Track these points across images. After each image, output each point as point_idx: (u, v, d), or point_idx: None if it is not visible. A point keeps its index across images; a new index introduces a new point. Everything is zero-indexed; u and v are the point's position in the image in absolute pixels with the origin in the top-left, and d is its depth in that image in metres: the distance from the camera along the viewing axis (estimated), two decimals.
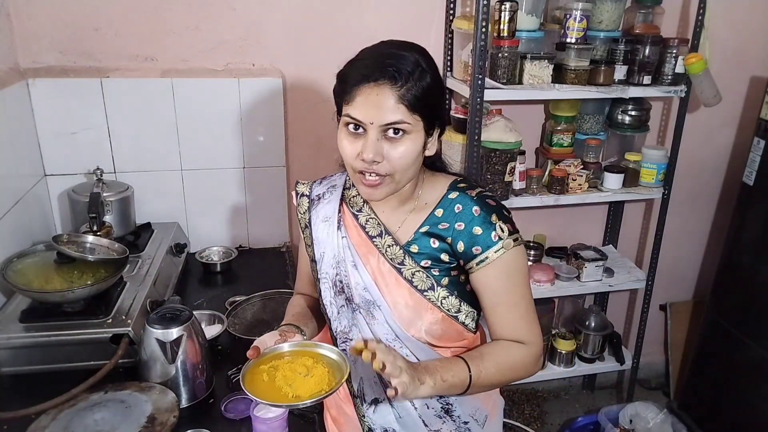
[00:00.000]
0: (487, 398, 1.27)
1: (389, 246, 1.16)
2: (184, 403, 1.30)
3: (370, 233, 1.18)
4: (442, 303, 1.13)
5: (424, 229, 1.15)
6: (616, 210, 2.60)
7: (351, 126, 1.04)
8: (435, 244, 1.14)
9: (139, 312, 1.46)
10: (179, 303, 1.40)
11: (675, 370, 2.87)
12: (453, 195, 1.15)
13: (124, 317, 1.43)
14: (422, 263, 1.14)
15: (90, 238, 1.62)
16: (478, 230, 1.10)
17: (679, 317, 2.88)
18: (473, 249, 1.10)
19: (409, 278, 1.14)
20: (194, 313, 1.35)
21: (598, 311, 2.54)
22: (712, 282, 2.49)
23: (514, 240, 1.10)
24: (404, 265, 1.14)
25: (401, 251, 1.14)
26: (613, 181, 2.25)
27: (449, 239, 1.12)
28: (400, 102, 1.01)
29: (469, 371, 1.06)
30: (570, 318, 2.65)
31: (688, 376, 2.67)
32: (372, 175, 1.05)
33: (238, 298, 1.73)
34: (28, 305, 1.46)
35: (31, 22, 1.82)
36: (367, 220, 1.19)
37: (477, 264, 1.10)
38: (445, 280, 1.14)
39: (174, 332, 1.28)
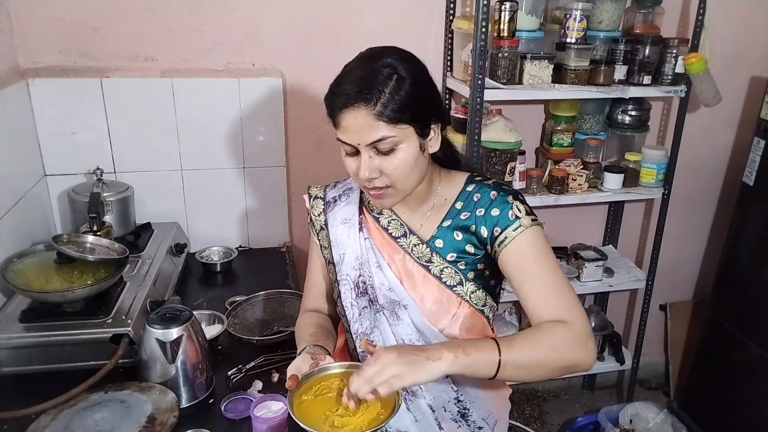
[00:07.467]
0: (500, 403, 1.27)
1: (415, 245, 1.17)
2: (184, 403, 1.30)
3: (393, 234, 1.19)
4: (470, 297, 1.15)
5: (446, 224, 1.16)
6: (616, 210, 2.60)
7: (346, 147, 1.07)
8: (459, 236, 1.15)
9: (139, 312, 1.45)
10: (179, 303, 1.40)
11: (675, 370, 2.87)
12: (470, 187, 1.17)
13: (124, 317, 1.43)
14: (448, 257, 1.15)
15: (90, 238, 1.62)
16: (496, 212, 1.12)
17: (679, 317, 2.88)
18: (494, 230, 1.11)
19: (438, 275, 1.15)
20: (194, 313, 1.35)
21: (598, 311, 2.54)
22: (712, 282, 2.49)
23: (532, 220, 1.10)
24: (432, 262, 1.15)
25: (427, 249, 1.16)
26: (613, 181, 2.25)
27: (473, 227, 1.14)
28: (378, 120, 1.01)
29: (498, 346, 0.99)
30: None
31: (688, 376, 2.67)
32: (374, 189, 1.08)
33: (238, 298, 1.73)
34: (28, 305, 1.46)
35: (31, 22, 1.82)
36: (389, 222, 1.20)
37: (499, 246, 1.11)
38: (471, 274, 1.15)
39: (174, 332, 1.28)
